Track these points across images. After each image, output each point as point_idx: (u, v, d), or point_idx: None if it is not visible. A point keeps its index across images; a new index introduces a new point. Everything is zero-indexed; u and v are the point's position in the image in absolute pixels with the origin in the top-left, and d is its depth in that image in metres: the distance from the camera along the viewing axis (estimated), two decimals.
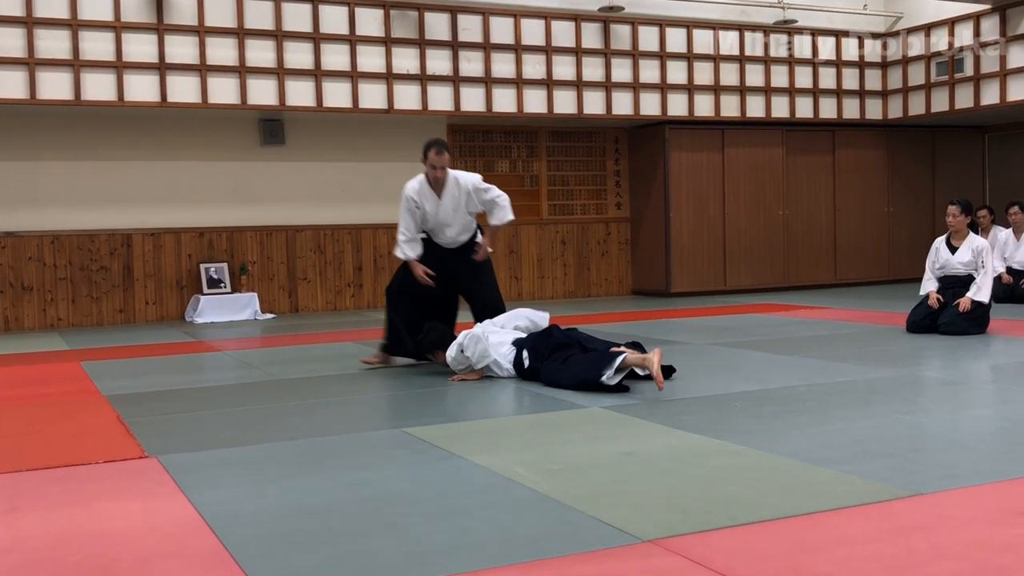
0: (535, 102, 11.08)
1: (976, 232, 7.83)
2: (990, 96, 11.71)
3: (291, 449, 4.12)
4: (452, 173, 6.35)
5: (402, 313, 6.39)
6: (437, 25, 10.65)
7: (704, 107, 11.99)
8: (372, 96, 10.33)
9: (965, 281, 7.50)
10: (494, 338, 5.76)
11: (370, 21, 10.37)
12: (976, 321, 7.35)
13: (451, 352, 5.78)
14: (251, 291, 10.52)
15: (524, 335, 5.83)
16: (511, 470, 3.58)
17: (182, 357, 7.40)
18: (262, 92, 9.92)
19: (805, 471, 3.49)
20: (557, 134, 12.14)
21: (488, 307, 6.38)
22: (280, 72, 9.97)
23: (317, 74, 10.12)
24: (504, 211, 6.39)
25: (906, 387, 5.27)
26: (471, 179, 6.41)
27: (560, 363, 5.40)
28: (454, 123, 11.45)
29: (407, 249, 6.42)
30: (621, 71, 11.51)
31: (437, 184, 6.31)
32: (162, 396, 5.54)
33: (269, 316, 10.44)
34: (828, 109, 12.74)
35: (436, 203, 6.33)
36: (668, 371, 5.52)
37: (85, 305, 10.07)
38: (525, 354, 5.60)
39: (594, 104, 11.39)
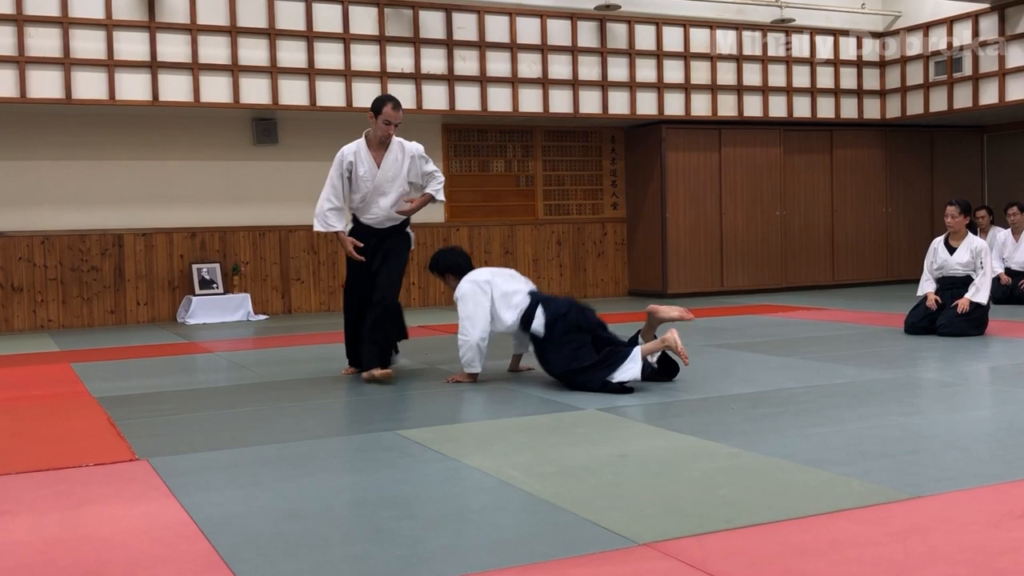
0: (531, 101, 11.02)
1: (975, 233, 7.79)
2: (989, 96, 11.66)
3: (283, 451, 4.09)
4: (396, 139, 5.99)
5: (353, 326, 6.13)
6: (432, 23, 10.58)
7: (701, 106, 11.92)
8: (366, 95, 10.24)
9: (964, 282, 7.48)
10: (507, 286, 5.60)
11: (364, 19, 10.30)
12: (975, 322, 7.33)
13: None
14: (244, 292, 10.45)
15: (535, 289, 5.70)
16: (505, 472, 3.56)
17: (174, 359, 7.36)
18: (255, 91, 9.84)
19: (802, 473, 3.48)
20: (553, 133, 12.08)
21: (380, 300, 5.85)
22: (273, 71, 9.90)
23: (310, 73, 10.05)
24: (439, 187, 6.03)
25: (904, 389, 5.25)
26: (416, 146, 6.05)
27: (572, 350, 5.28)
28: (449, 122, 11.39)
29: (333, 219, 5.91)
30: (617, 70, 11.45)
31: (382, 145, 5.94)
32: (153, 398, 5.50)
33: (262, 317, 10.37)
34: (826, 108, 12.68)
35: (374, 167, 5.91)
36: (673, 370, 5.48)
37: (76, 306, 9.99)
38: (540, 312, 5.43)
39: (590, 103, 11.32)
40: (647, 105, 11.63)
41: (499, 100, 10.88)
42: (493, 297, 5.54)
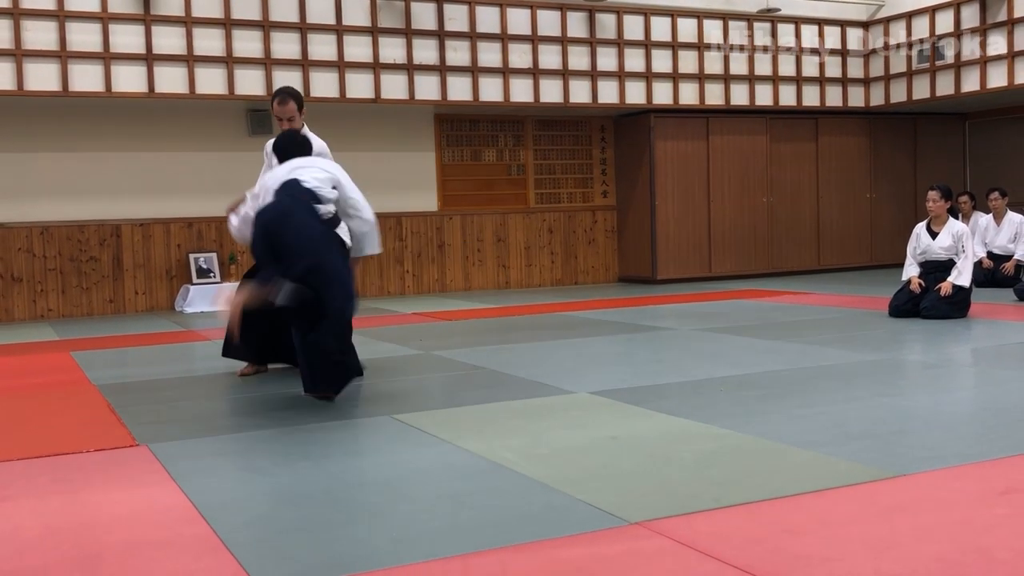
0: (521, 91, 11.12)
1: (956, 218, 7.91)
2: (971, 83, 11.80)
3: (281, 436, 4.12)
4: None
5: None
6: (423, 14, 10.67)
7: (689, 95, 12.04)
8: (359, 86, 10.36)
9: (946, 266, 7.57)
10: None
11: (357, 10, 10.37)
12: (957, 305, 7.42)
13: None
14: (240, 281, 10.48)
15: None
16: (499, 455, 3.59)
17: (172, 346, 7.39)
18: (249, 82, 9.92)
19: (789, 454, 3.52)
20: (543, 123, 12.18)
21: None
22: (267, 62, 9.98)
23: (304, 64, 10.12)
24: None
25: (889, 370, 5.32)
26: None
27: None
28: (441, 112, 11.48)
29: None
30: (606, 60, 11.55)
31: None
32: (153, 385, 5.52)
33: None
34: (811, 97, 12.80)
35: None
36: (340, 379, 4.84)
37: (75, 296, 10.07)
38: None
39: (580, 93, 11.43)
40: (636, 94, 11.74)
41: (490, 90, 10.98)
42: None
